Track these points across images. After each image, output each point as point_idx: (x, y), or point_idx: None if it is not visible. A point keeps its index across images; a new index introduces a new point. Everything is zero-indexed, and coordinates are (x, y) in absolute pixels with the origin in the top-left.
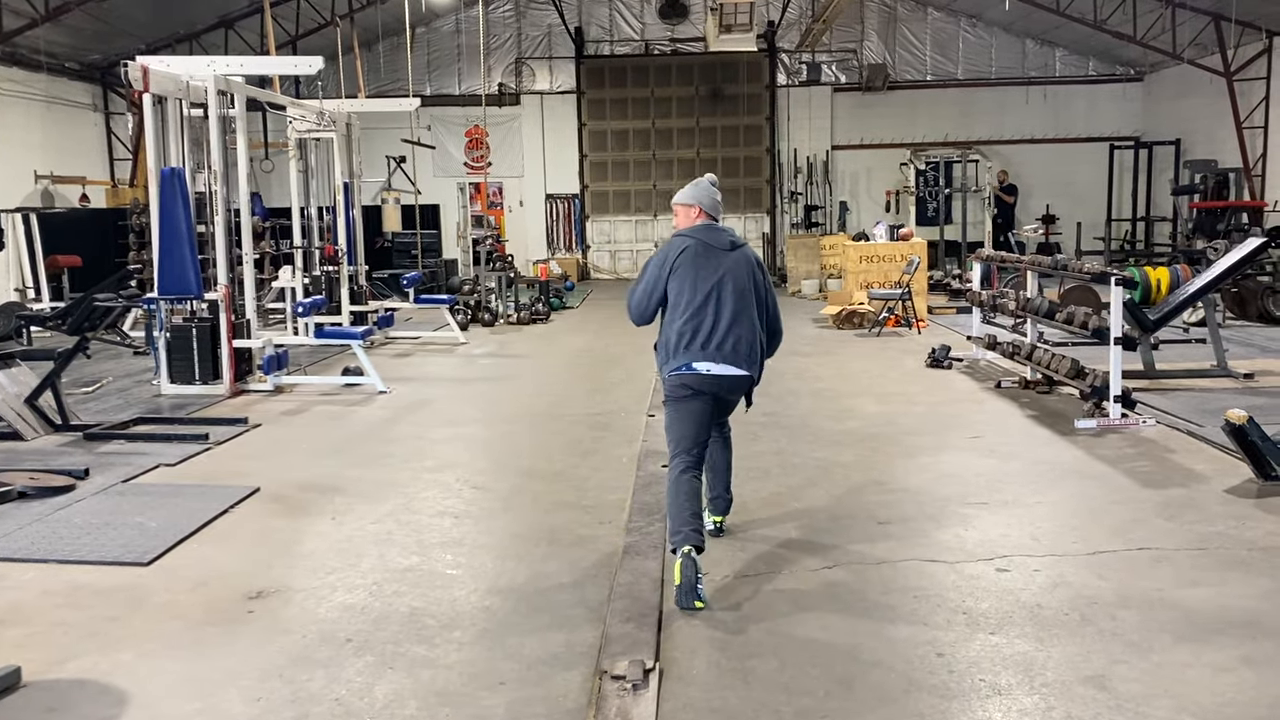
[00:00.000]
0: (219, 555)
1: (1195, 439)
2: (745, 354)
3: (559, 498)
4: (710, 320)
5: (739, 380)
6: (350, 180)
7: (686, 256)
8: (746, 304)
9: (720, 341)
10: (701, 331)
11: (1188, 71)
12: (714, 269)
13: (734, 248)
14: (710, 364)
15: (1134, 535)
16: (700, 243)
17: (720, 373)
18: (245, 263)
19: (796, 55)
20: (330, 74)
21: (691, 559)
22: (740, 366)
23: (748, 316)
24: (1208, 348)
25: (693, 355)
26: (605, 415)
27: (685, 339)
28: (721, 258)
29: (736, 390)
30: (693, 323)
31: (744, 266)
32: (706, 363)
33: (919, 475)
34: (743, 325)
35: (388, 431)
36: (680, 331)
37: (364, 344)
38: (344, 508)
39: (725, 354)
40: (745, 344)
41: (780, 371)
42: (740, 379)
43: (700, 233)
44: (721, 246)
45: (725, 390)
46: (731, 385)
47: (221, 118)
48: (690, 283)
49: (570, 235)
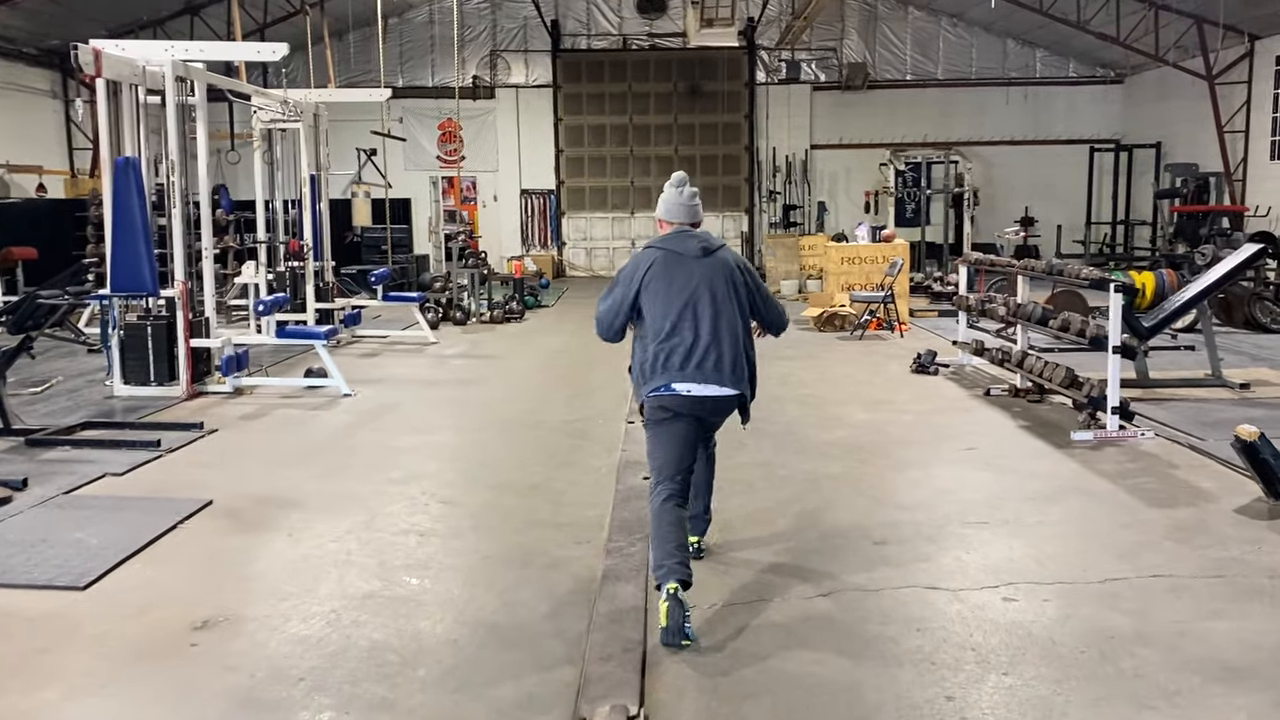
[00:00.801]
0: (164, 578)
1: (1198, 454)
2: (729, 370)
3: (533, 514)
4: (689, 338)
5: (723, 400)
6: (318, 173)
7: (656, 270)
8: (726, 315)
9: (700, 360)
10: (679, 351)
11: (1168, 74)
12: (687, 281)
13: (707, 253)
14: (690, 384)
15: (1145, 560)
16: (669, 253)
17: (702, 394)
18: (205, 258)
19: (776, 53)
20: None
21: (678, 599)
22: (724, 385)
23: (728, 329)
24: (1198, 355)
25: (670, 376)
26: (582, 422)
27: (662, 359)
28: (694, 267)
29: (721, 411)
30: (669, 343)
31: (720, 272)
32: (686, 383)
33: (913, 490)
34: (723, 340)
35: (351, 438)
36: (656, 353)
37: (327, 344)
38: (301, 524)
39: (706, 373)
40: (728, 360)
41: (763, 376)
42: (724, 399)
43: (670, 242)
44: (693, 254)
45: (708, 412)
46: (715, 407)
47: (180, 106)
48: (663, 299)
49: (545, 232)
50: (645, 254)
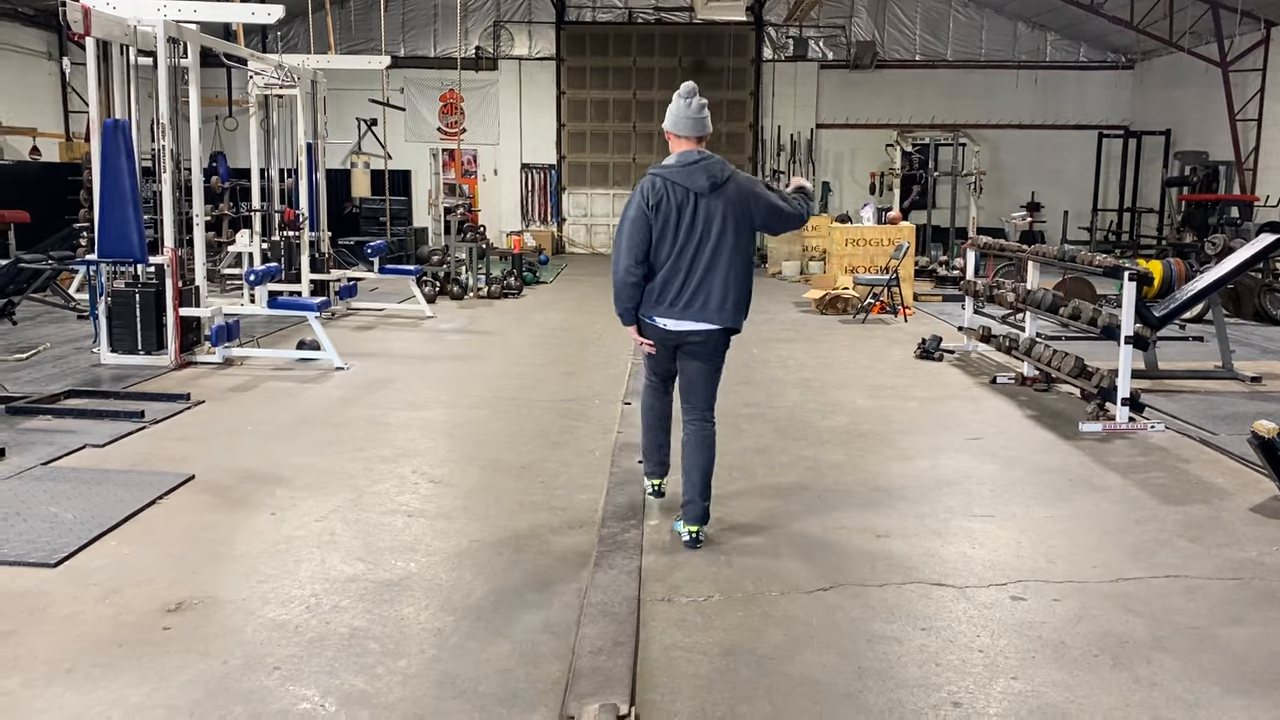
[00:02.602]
0: (139, 556)
1: (1210, 448)
2: (715, 308)
3: (525, 496)
4: (683, 275)
5: (701, 334)
6: (315, 141)
7: (664, 205)
8: (725, 254)
9: (689, 299)
10: (672, 286)
11: (1179, 61)
12: (689, 219)
13: (715, 188)
14: (668, 320)
15: (1159, 559)
16: (679, 187)
17: (676, 328)
18: (196, 225)
19: (784, 29)
20: (301, 31)
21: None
22: (708, 321)
23: (725, 268)
24: (1206, 346)
25: (659, 309)
26: (578, 401)
27: (655, 292)
28: (700, 205)
29: (700, 343)
30: (662, 276)
31: (727, 209)
32: (664, 319)
33: (917, 480)
34: (715, 279)
35: (342, 413)
36: (656, 282)
37: (320, 316)
38: (286, 502)
39: (692, 310)
40: (715, 299)
41: (763, 359)
42: (704, 333)
43: (676, 171)
44: (700, 190)
45: (683, 343)
46: (689, 338)
47: (173, 68)
48: (669, 238)
49: (545, 207)
50: (654, 182)
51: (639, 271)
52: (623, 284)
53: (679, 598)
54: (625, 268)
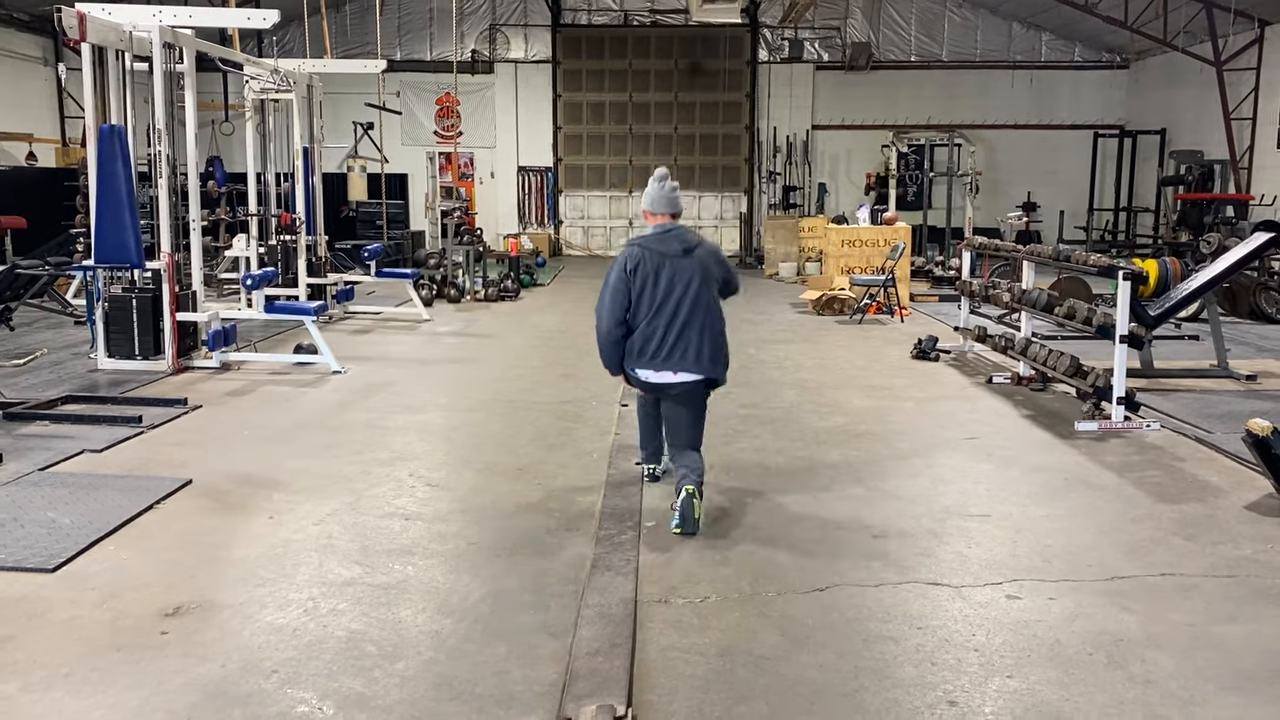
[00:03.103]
0: (137, 561)
1: (1205, 446)
2: (693, 359)
3: (522, 498)
4: (661, 330)
5: (684, 385)
6: (311, 145)
7: (642, 268)
8: (701, 308)
9: (670, 351)
10: (652, 341)
11: (1174, 60)
12: (667, 279)
13: (687, 252)
14: (651, 372)
15: (1154, 558)
16: (653, 252)
17: (659, 380)
18: (192, 230)
19: (779, 31)
20: (296, 36)
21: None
22: (687, 370)
23: (701, 321)
24: (1202, 345)
25: (641, 362)
26: (575, 403)
27: (637, 346)
28: (675, 266)
29: (683, 393)
30: (644, 332)
31: (699, 269)
32: (648, 370)
33: (913, 480)
34: (692, 331)
35: (339, 417)
36: (635, 339)
37: (316, 320)
38: (284, 505)
39: (672, 361)
40: (693, 350)
41: (760, 360)
42: (686, 384)
43: (654, 241)
44: (673, 253)
45: (666, 393)
46: (672, 389)
47: (168, 73)
48: (648, 295)
49: (543, 209)
50: (632, 251)
51: (619, 331)
52: (606, 342)
53: (676, 599)
54: (607, 328)
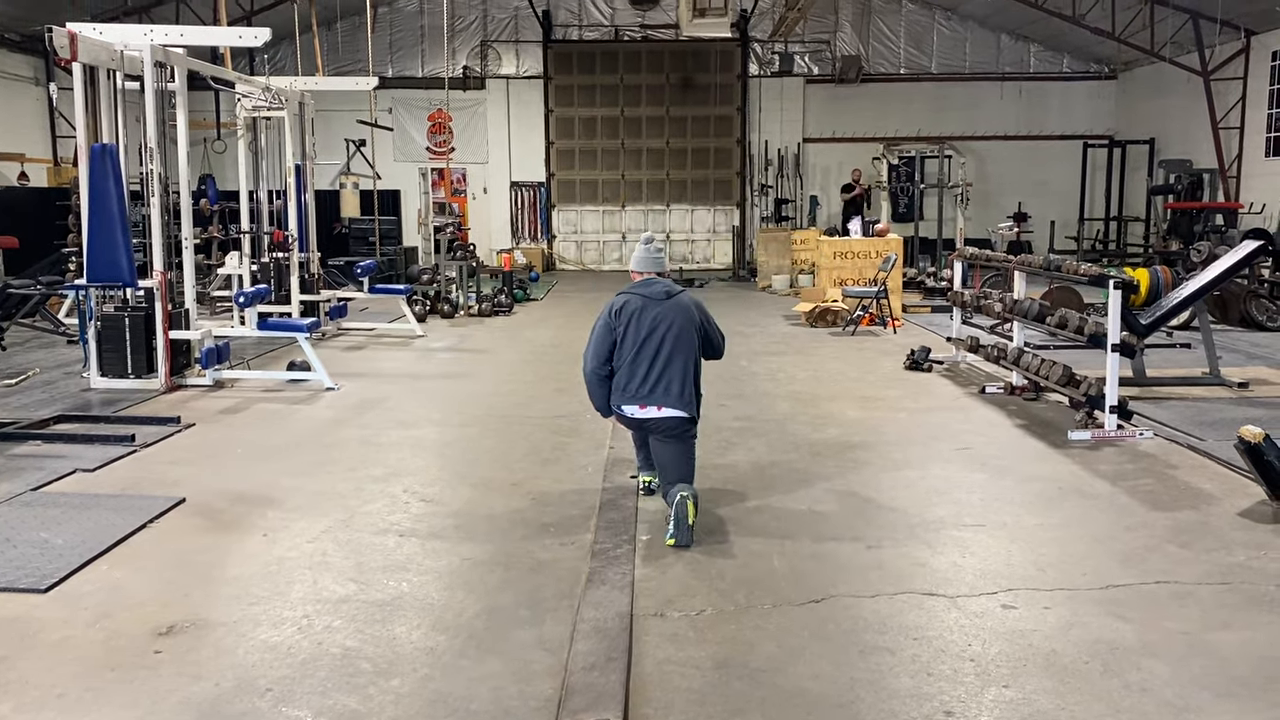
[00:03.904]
0: (130, 580)
1: (1198, 454)
2: (676, 395)
3: (517, 513)
4: (644, 368)
5: (665, 420)
6: (303, 162)
7: (628, 310)
8: (681, 348)
9: (652, 387)
10: (636, 377)
11: (1162, 71)
12: (650, 320)
13: (669, 297)
14: (635, 407)
15: (1148, 566)
16: (638, 297)
17: (642, 416)
18: (185, 248)
19: (769, 45)
20: (288, 54)
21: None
22: (670, 407)
23: (681, 361)
24: (1194, 353)
25: (625, 399)
26: (570, 417)
27: (622, 383)
28: (659, 309)
29: (665, 428)
30: (628, 370)
31: (678, 312)
32: (632, 406)
33: (907, 491)
34: (674, 369)
35: (333, 434)
36: (619, 377)
37: (309, 336)
38: (278, 523)
39: (655, 396)
40: (676, 386)
41: (754, 372)
42: (666, 419)
43: (638, 288)
44: (656, 298)
45: (650, 428)
46: (656, 425)
47: (160, 92)
48: (632, 334)
49: (535, 224)
50: (619, 299)
51: (604, 370)
52: (592, 380)
53: (671, 612)
54: (593, 368)
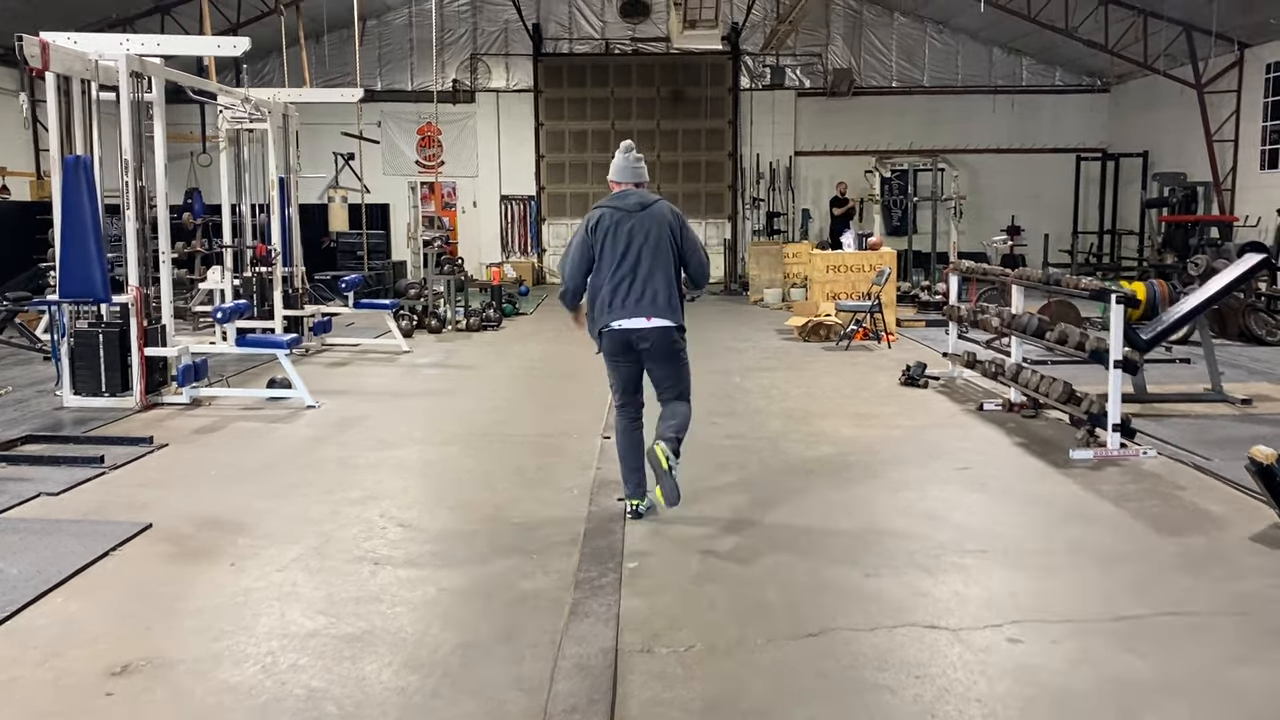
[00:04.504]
0: (87, 614)
1: (1204, 474)
2: (664, 305)
3: (498, 539)
4: (629, 279)
5: (654, 330)
6: (287, 175)
7: (604, 225)
8: (661, 258)
9: (639, 297)
10: (621, 290)
11: (1155, 83)
12: (626, 232)
13: (644, 208)
14: (624, 320)
15: (1159, 595)
16: (613, 209)
17: (632, 325)
18: (163, 263)
19: (760, 58)
20: (275, 66)
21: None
22: (658, 316)
23: (662, 271)
24: (1194, 368)
25: (614, 314)
26: (556, 436)
27: (607, 300)
28: (634, 220)
29: (654, 340)
30: (613, 283)
31: (653, 222)
32: (620, 319)
33: (905, 514)
34: (657, 279)
35: (310, 454)
36: (604, 291)
37: (290, 353)
38: (247, 550)
39: (643, 307)
40: (662, 296)
41: (746, 389)
42: (656, 329)
43: (612, 200)
44: (631, 209)
45: (642, 340)
46: (647, 335)
47: (136, 103)
48: (610, 248)
49: (526, 238)
50: (594, 213)
51: (581, 280)
52: (570, 287)
53: (659, 647)
54: (569, 274)
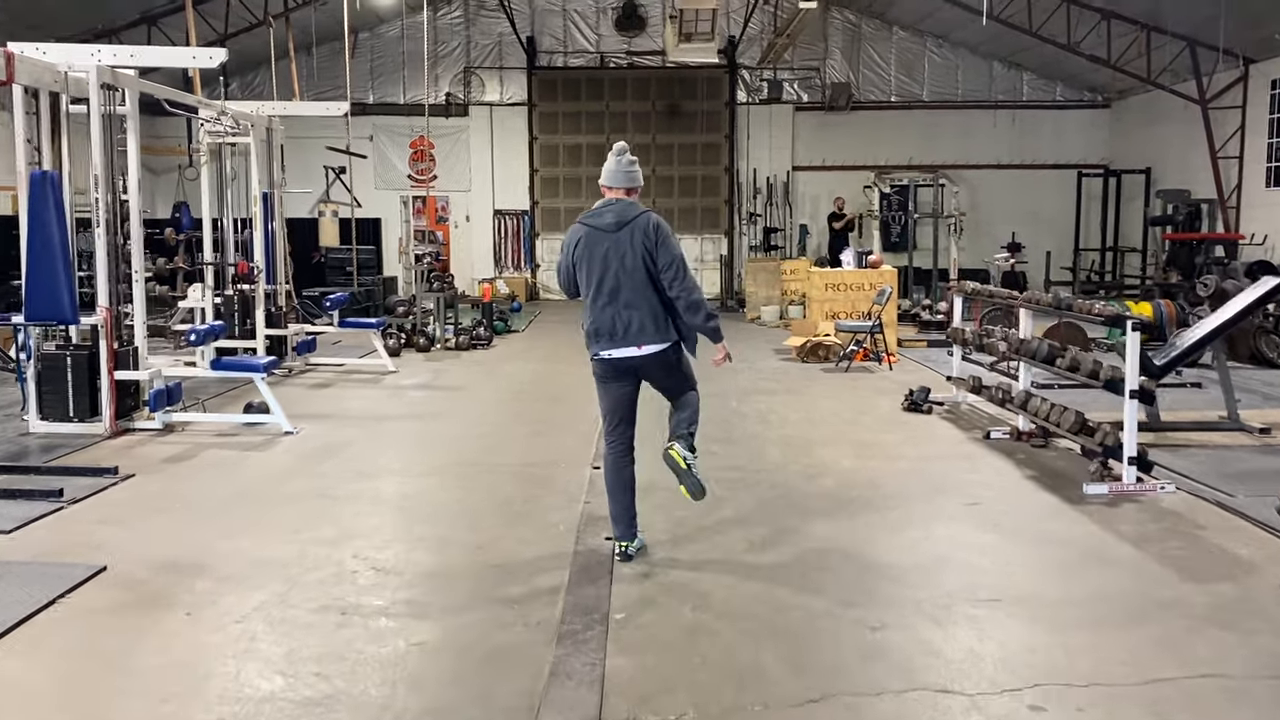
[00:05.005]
0: (25, 674)
1: (1228, 512)
2: (648, 332)
3: (477, 585)
4: (608, 310)
5: (649, 356)
6: (271, 190)
7: (580, 247)
8: (634, 284)
9: (622, 329)
10: (604, 320)
11: (1157, 99)
12: (600, 256)
13: (619, 227)
14: (612, 350)
15: (1192, 653)
16: (589, 230)
17: (621, 355)
18: (135, 282)
19: (757, 72)
20: (265, 79)
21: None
22: (641, 346)
23: (637, 296)
24: (1206, 393)
25: (601, 344)
26: (543, 466)
27: (593, 329)
28: (605, 242)
29: (648, 366)
30: (594, 313)
31: (627, 243)
32: (609, 349)
33: (912, 556)
34: (636, 307)
35: (284, 486)
36: (589, 323)
37: (267, 376)
38: (205, 598)
39: (630, 337)
40: (635, 325)
41: (743, 414)
42: (644, 357)
43: (591, 217)
44: (606, 229)
45: (635, 367)
46: (638, 364)
47: (107, 115)
48: (585, 273)
49: (519, 253)
50: (574, 230)
51: (575, 295)
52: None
53: (647, 714)
54: (563, 288)
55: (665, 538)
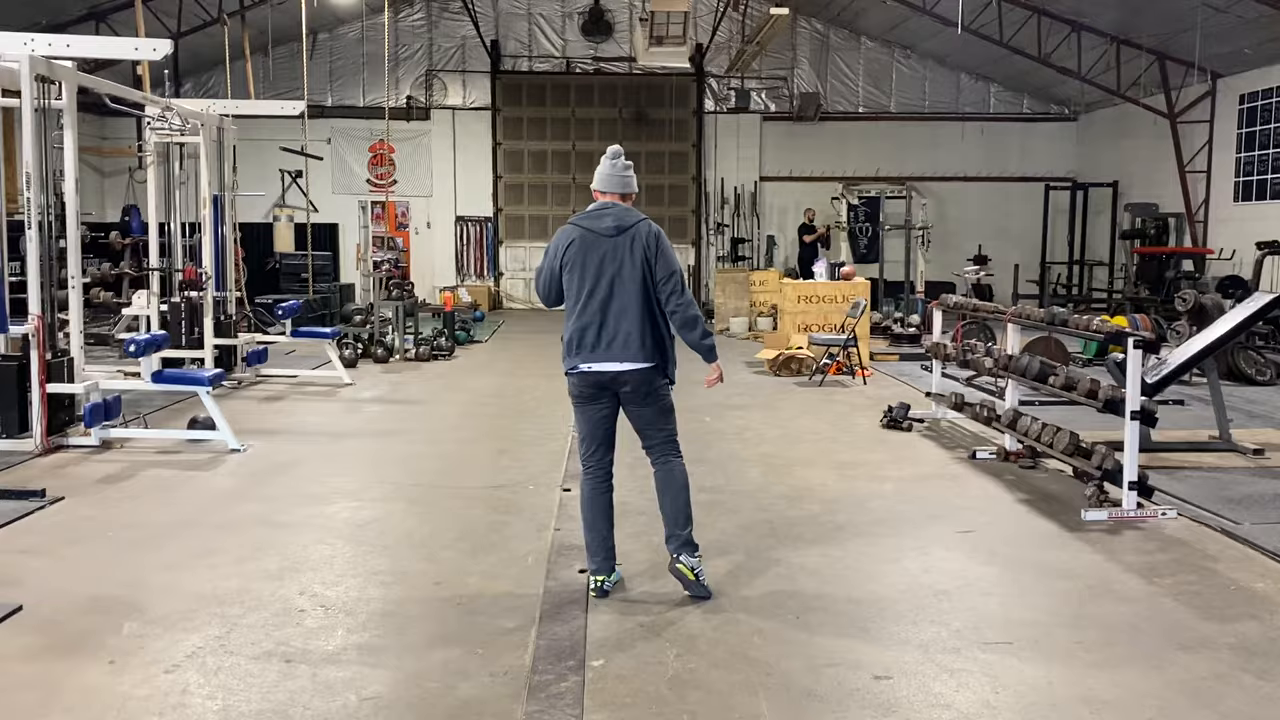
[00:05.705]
0: None
1: (1236, 541)
2: (636, 347)
3: (437, 626)
4: (596, 318)
5: (629, 374)
6: (222, 193)
7: (573, 250)
8: (628, 294)
9: (610, 339)
10: (588, 330)
11: (1125, 112)
12: (596, 261)
13: (620, 231)
14: (592, 363)
15: (1225, 706)
16: (585, 232)
17: (601, 369)
18: (71, 288)
19: (725, 80)
20: (219, 80)
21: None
22: (630, 360)
23: (630, 309)
24: (1190, 411)
25: (582, 356)
26: (510, 488)
27: (575, 339)
28: (604, 247)
29: (631, 383)
30: (579, 322)
31: (626, 250)
32: (589, 362)
33: (911, 591)
34: (622, 319)
35: (228, 510)
36: (572, 331)
37: (212, 390)
38: (132, 643)
39: (613, 351)
40: (620, 338)
41: (719, 431)
42: (629, 373)
43: (586, 218)
44: (604, 233)
45: (615, 385)
46: (618, 380)
47: (41, 110)
48: (576, 279)
49: (482, 261)
50: (565, 232)
51: (557, 299)
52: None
53: None
54: (542, 295)
55: (644, 568)
